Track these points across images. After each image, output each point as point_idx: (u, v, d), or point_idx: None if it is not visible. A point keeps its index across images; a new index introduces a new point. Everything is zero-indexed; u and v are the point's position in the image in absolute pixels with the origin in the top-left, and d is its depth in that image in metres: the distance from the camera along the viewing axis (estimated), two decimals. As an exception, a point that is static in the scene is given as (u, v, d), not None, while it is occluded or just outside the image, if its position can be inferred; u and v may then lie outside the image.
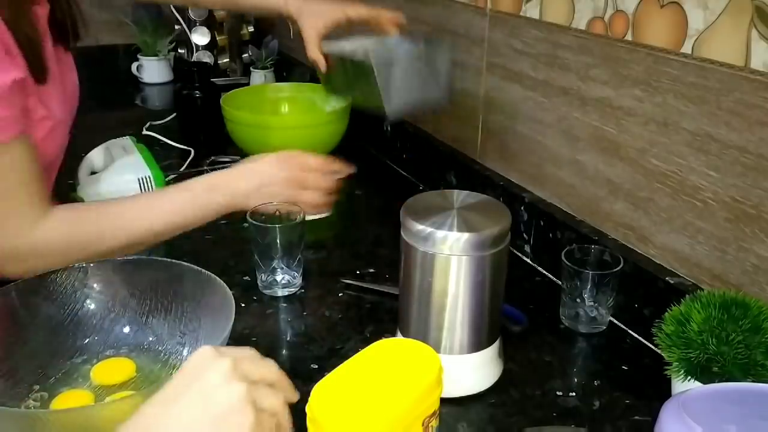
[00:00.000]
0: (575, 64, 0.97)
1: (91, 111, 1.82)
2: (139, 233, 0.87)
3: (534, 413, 0.76)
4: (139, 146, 1.24)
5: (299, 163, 0.96)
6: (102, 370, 0.78)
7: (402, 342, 0.64)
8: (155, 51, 2.01)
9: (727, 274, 0.81)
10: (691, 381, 0.69)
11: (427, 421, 0.59)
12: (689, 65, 0.80)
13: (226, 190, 0.92)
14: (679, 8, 0.81)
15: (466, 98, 1.22)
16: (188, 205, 0.90)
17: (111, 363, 0.79)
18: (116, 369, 0.78)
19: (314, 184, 0.96)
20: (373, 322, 0.92)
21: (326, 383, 0.58)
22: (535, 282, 1.04)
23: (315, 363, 0.84)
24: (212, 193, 0.91)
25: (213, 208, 0.91)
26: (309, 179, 0.96)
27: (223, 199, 0.92)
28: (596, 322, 0.90)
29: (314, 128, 1.33)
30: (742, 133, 0.76)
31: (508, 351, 0.84)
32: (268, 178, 0.94)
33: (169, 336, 0.81)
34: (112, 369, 0.78)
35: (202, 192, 0.91)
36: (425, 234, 0.72)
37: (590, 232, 0.98)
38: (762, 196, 0.75)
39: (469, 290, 0.74)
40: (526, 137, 1.09)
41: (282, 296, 0.97)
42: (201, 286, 0.79)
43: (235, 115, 1.36)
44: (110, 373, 0.77)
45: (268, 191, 0.93)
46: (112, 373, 0.77)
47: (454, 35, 1.23)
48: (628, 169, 0.91)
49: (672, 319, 0.72)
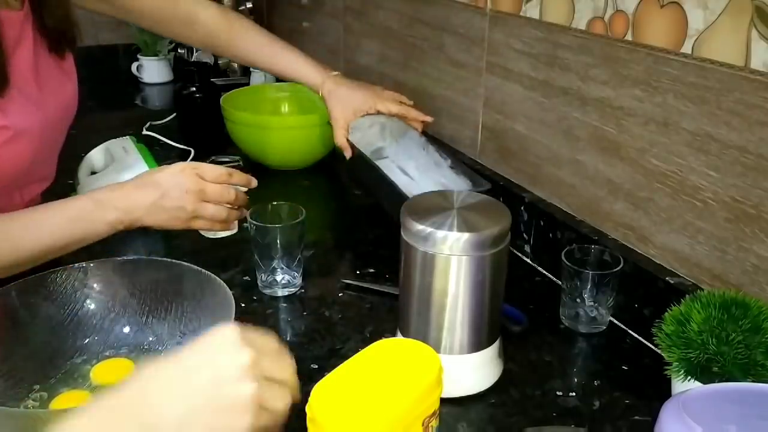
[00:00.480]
0: (575, 64, 0.97)
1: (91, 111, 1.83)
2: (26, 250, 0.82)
3: (534, 413, 0.76)
4: (139, 146, 1.24)
5: (198, 173, 0.91)
6: (102, 370, 0.78)
7: (402, 342, 0.64)
8: (155, 51, 2.01)
9: (727, 274, 0.81)
10: (691, 381, 0.69)
11: (427, 421, 0.59)
12: (689, 65, 0.80)
13: (118, 205, 0.86)
14: (679, 8, 0.81)
15: (466, 98, 1.22)
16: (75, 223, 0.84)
17: (111, 363, 0.79)
18: (116, 369, 0.78)
19: (215, 196, 0.92)
20: (373, 322, 0.92)
21: (326, 383, 0.58)
22: (535, 282, 1.04)
23: (315, 363, 0.84)
24: (101, 210, 0.85)
25: (105, 223, 0.85)
26: (208, 190, 0.91)
27: (115, 215, 0.86)
28: (596, 322, 0.90)
29: (314, 128, 1.33)
30: (742, 133, 0.76)
31: (508, 351, 0.84)
32: (167, 191, 0.88)
33: (169, 336, 0.81)
34: (112, 369, 0.78)
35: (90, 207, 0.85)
36: (425, 234, 0.72)
37: (590, 232, 0.98)
38: (762, 196, 0.75)
39: (469, 290, 0.74)
40: (526, 137, 1.09)
41: (282, 296, 0.97)
42: (201, 286, 0.79)
43: (235, 115, 1.36)
44: (110, 373, 0.77)
45: (167, 205, 0.88)
46: (112, 374, 0.77)
47: (454, 35, 1.23)
48: (628, 169, 0.91)
49: (672, 319, 0.72)
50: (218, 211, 0.92)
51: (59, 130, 0.98)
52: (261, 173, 1.36)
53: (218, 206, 0.92)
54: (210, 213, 0.91)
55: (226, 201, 0.93)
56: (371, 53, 1.55)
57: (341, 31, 1.68)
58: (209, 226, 0.93)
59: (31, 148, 0.88)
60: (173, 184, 0.89)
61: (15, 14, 0.86)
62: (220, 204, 0.92)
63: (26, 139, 0.87)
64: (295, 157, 1.39)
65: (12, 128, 0.84)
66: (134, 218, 0.87)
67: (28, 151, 0.88)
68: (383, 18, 1.47)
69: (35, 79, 0.90)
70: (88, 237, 0.85)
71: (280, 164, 1.39)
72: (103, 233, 0.86)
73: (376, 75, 1.52)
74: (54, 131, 0.95)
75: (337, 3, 1.67)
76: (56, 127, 0.96)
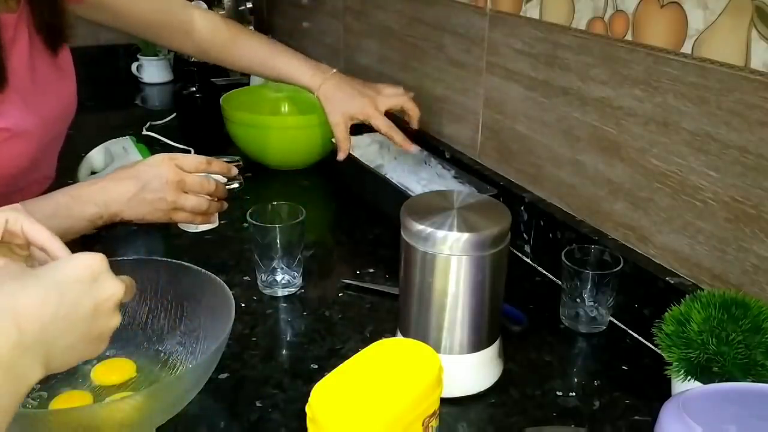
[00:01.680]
0: (575, 64, 0.97)
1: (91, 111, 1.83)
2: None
3: (534, 413, 0.76)
4: (139, 146, 1.24)
5: (177, 164, 0.91)
6: (102, 370, 0.78)
7: (402, 342, 0.64)
8: (155, 51, 2.01)
9: (727, 274, 0.81)
10: (691, 381, 0.69)
11: (427, 421, 0.59)
12: (689, 65, 0.80)
13: (96, 200, 0.86)
14: (679, 8, 0.81)
15: (466, 98, 1.22)
16: (51, 221, 0.80)
17: (111, 363, 0.79)
18: (116, 369, 0.78)
19: (195, 187, 0.91)
20: (373, 322, 0.92)
21: (326, 383, 0.58)
22: (535, 282, 1.04)
23: (315, 363, 0.84)
24: (79, 205, 0.85)
25: (84, 219, 0.85)
26: (188, 180, 0.90)
27: (94, 210, 0.85)
28: (596, 322, 0.90)
29: (314, 128, 1.33)
30: (742, 133, 0.76)
31: (508, 351, 0.84)
32: (146, 183, 0.88)
33: (169, 336, 0.81)
34: (112, 369, 0.78)
35: (67, 203, 0.84)
36: (425, 234, 0.72)
37: (590, 232, 0.98)
38: (762, 196, 0.75)
39: (469, 290, 0.74)
40: (526, 137, 1.09)
41: (282, 296, 0.97)
42: (201, 286, 0.79)
43: (234, 115, 1.36)
44: (110, 373, 0.77)
45: (147, 197, 0.88)
46: (112, 373, 0.77)
47: (454, 35, 1.23)
48: (628, 169, 0.91)
49: (672, 319, 0.72)
50: (199, 203, 0.92)
51: (58, 129, 0.97)
52: (261, 173, 1.37)
53: (199, 197, 0.92)
54: (191, 204, 0.91)
55: (206, 192, 0.92)
56: (371, 53, 1.55)
57: (341, 31, 1.68)
58: (190, 218, 0.93)
59: (29, 149, 0.88)
60: (152, 175, 0.88)
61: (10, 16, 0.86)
62: (200, 195, 0.92)
63: (25, 140, 0.87)
64: (294, 157, 1.39)
65: (10, 130, 0.84)
66: (113, 212, 0.87)
67: (27, 152, 0.88)
68: (383, 18, 1.47)
69: (32, 79, 0.90)
70: (67, 233, 0.83)
71: (280, 164, 1.39)
72: (83, 229, 0.86)
73: (376, 75, 1.52)
74: (52, 131, 0.95)
75: (337, 3, 1.67)
76: (55, 127, 0.95)
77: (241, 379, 0.80)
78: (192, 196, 0.91)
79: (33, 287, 0.53)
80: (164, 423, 0.70)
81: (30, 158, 0.89)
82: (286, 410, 0.76)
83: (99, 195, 0.86)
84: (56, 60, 0.95)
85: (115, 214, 0.87)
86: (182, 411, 0.71)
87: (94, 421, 0.64)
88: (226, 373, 0.80)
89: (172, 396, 0.69)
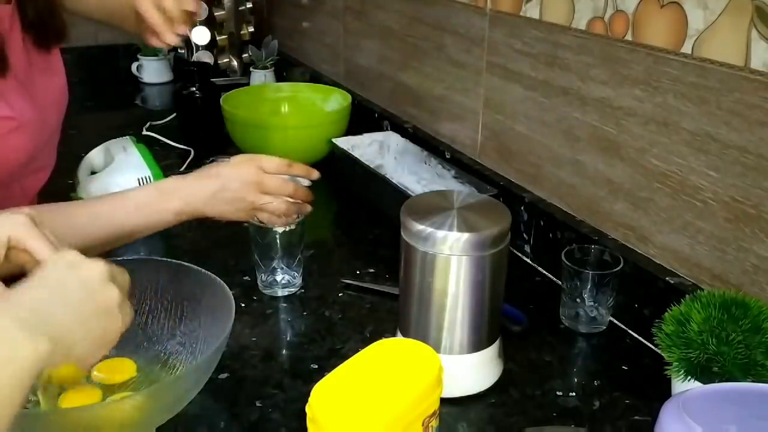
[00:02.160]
0: (575, 64, 0.97)
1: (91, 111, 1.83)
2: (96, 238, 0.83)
3: (534, 413, 0.76)
4: (139, 146, 1.24)
5: (257, 165, 0.93)
6: (102, 370, 0.78)
7: (402, 342, 0.64)
8: (155, 51, 2.01)
9: (727, 274, 0.81)
10: (691, 381, 0.69)
11: (427, 421, 0.60)
12: (689, 65, 0.80)
13: (180, 195, 0.88)
14: (679, 8, 0.81)
15: (466, 98, 1.22)
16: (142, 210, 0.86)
17: (111, 363, 0.78)
18: (116, 369, 0.78)
19: (275, 188, 0.93)
20: (373, 322, 0.92)
21: (326, 383, 0.58)
22: (535, 282, 1.04)
23: (315, 363, 0.84)
24: (166, 198, 0.88)
25: (169, 211, 0.88)
26: (267, 182, 0.92)
27: (178, 204, 0.88)
28: (596, 322, 0.90)
29: (314, 128, 1.33)
30: (742, 133, 0.76)
31: (508, 351, 0.84)
32: (226, 182, 0.90)
33: (169, 336, 0.81)
34: (112, 369, 0.78)
35: (150, 196, 0.88)
36: (425, 234, 0.72)
37: (590, 232, 0.98)
38: (762, 196, 0.75)
39: (469, 290, 0.74)
40: (526, 137, 1.09)
41: (282, 296, 0.97)
42: (201, 286, 0.79)
43: (234, 115, 1.36)
44: (111, 372, 0.77)
45: (227, 196, 0.90)
46: (113, 373, 0.77)
47: (454, 35, 1.23)
48: (628, 169, 0.91)
49: (672, 319, 0.72)
50: (278, 204, 0.93)
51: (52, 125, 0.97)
52: (261, 173, 1.37)
53: (278, 199, 0.93)
54: (272, 207, 0.93)
55: (285, 193, 0.94)
56: (371, 53, 1.55)
57: (341, 31, 1.68)
58: (273, 219, 0.94)
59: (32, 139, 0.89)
60: (233, 175, 0.91)
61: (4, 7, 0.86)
62: (279, 196, 0.93)
63: (29, 130, 0.88)
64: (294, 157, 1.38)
65: (17, 119, 0.84)
66: (194, 208, 0.89)
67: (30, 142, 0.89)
68: (383, 18, 1.47)
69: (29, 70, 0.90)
70: (155, 225, 0.88)
71: (280, 164, 1.39)
72: (169, 222, 0.89)
73: (376, 75, 1.53)
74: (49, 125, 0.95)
75: (337, 3, 1.67)
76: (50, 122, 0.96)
77: (241, 379, 0.80)
78: (272, 197, 0.93)
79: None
80: (164, 423, 0.70)
81: (32, 149, 0.90)
82: (286, 410, 0.76)
83: (183, 191, 0.89)
84: (47, 57, 0.95)
85: (196, 210, 0.90)
86: (182, 411, 0.71)
87: (94, 421, 0.64)
88: (226, 373, 0.80)
89: (172, 396, 0.69)
